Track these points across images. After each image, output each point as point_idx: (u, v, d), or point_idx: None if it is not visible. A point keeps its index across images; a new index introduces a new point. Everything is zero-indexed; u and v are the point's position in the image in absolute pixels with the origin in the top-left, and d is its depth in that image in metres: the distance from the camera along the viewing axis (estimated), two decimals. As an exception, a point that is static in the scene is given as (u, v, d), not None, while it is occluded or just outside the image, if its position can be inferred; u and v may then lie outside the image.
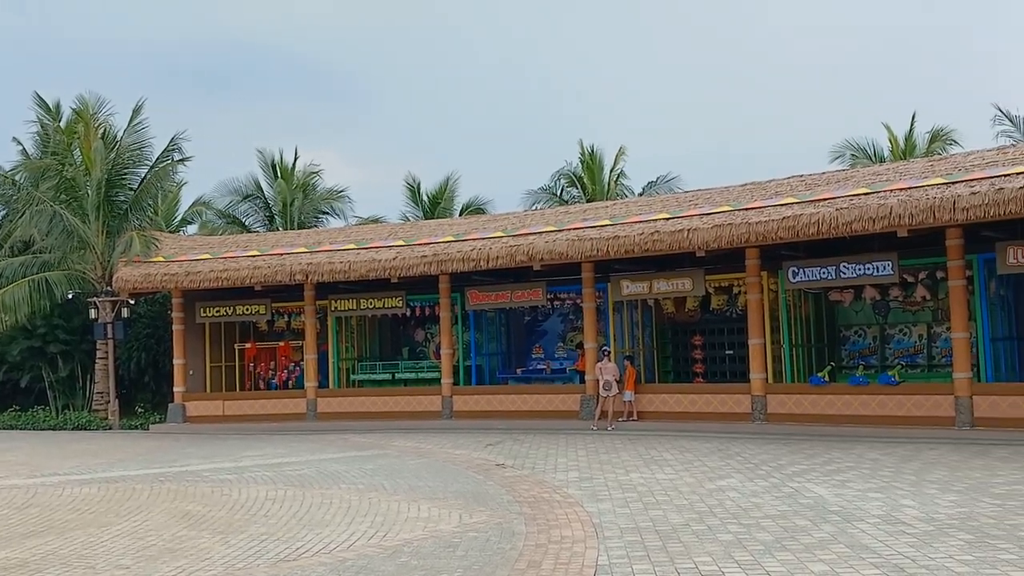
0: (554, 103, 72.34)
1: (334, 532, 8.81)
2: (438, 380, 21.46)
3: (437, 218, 30.81)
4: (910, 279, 17.60)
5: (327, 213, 33.41)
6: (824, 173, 20.23)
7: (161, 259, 22.94)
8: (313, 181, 33.30)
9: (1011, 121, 27.28)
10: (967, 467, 11.43)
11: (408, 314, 22.88)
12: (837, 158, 29.76)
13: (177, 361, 23.08)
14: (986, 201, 14.16)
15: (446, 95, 74.58)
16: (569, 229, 19.46)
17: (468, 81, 75.93)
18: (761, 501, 9.46)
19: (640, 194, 31.95)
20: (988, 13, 67.57)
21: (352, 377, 23.35)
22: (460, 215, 32.93)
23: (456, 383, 21.49)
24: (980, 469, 11.23)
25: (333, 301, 22.29)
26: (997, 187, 14.20)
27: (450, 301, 21.43)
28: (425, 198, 33.84)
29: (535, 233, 19.80)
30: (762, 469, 11.85)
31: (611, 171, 33.40)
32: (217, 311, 22.94)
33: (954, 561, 6.65)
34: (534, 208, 30.64)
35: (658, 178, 32.87)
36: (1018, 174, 14.53)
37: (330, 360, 22.97)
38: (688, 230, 17.47)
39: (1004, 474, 10.77)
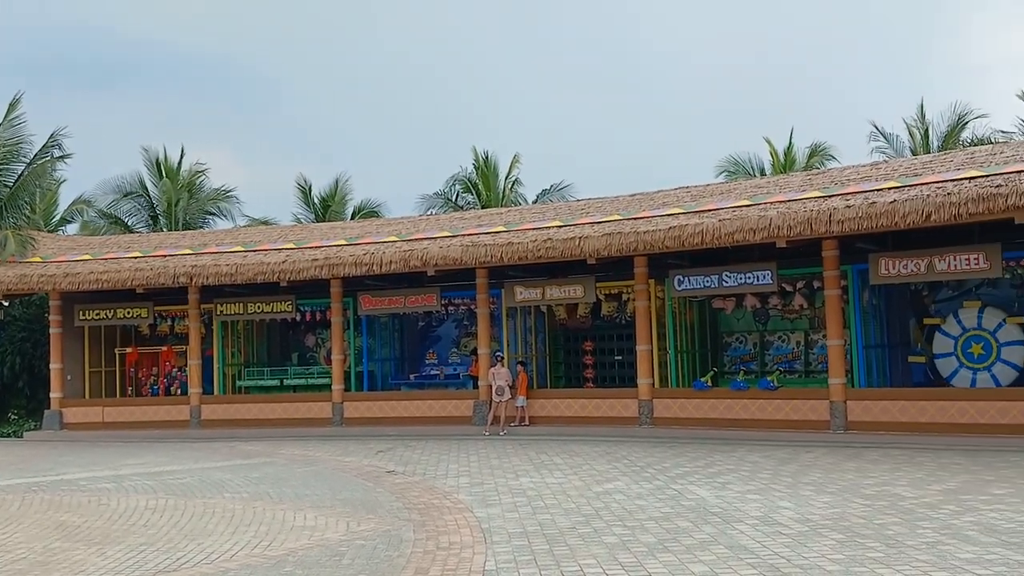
0: (452, 109, 72.41)
1: (216, 542, 8.60)
2: (329, 386, 21.18)
3: (329, 221, 30.43)
4: (789, 288, 18.31)
5: (214, 214, 32.55)
6: (709, 185, 20.89)
7: (38, 259, 21.93)
8: (200, 181, 32.38)
9: (885, 138, 28.73)
10: (840, 469, 11.97)
11: (298, 319, 22.49)
12: (722, 172, 30.76)
13: (54, 366, 22.10)
14: (859, 214, 14.86)
15: (342, 97, 73.77)
16: (464, 235, 19.52)
17: (364, 83, 75.28)
18: (646, 503, 9.70)
19: (534, 201, 32.31)
20: (863, 35, 71.01)
21: (239, 383, 22.80)
22: (353, 218, 32.60)
23: (348, 389, 21.25)
24: (853, 471, 11.76)
25: (219, 305, 21.74)
26: (870, 201, 14.92)
27: (342, 306, 21.18)
28: (317, 200, 33.40)
29: (429, 238, 19.77)
30: (647, 472, 12.14)
31: (506, 178, 33.64)
32: (97, 314, 22.08)
33: (826, 560, 6.96)
34: (429, 213, 30.62)
35: (552, 186, 33.29)
36: (890, 189, 15.30)
37: (215, 366, 22.37)
38: (580, 238, 17.75)
39: (875, 475, 11.31)
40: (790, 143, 30.89)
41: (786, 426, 16.70)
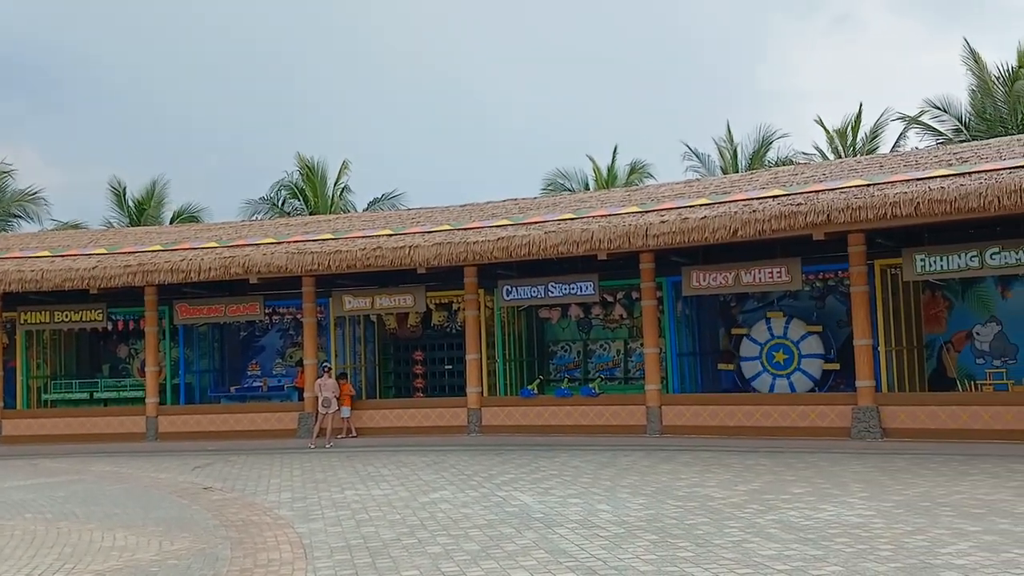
0: (281, 114, 70.60)
1: (15, 566, 8.01)
2: (143, 399, 20.18)
3: (145, 225, 29.02)
4: (610, 299, 18.99)
5: (19, 216, 30.41)
6: (536, 198, 21.42)
7: None
8: (2, 181, 30.17)
9: (698, 157, 30.35)
10: (656, 472, 12.48)
11: (110, 328, 21.29)
12: (549, 185, 31.56)
13: None
14: (673, 229, 15.63)
15: (162, 99, 70.50)
16: (289, 242, 19.10)
17: (185, 87, 72.24)
18: (471, 511, 9.78)
19: (365, 209, 32.02)
20: (682, 58, 74.64)
21: (44, 397, 21.36)
22: (171, 223, 31.25)
23: (163, 402, 20.31)
24: (666, 473, 12.29)
25: (23, 313, 20.30)
26: (683, 217, 15.71)
27: (157, 315, 20.24)
28: (132, 204, 31.77)
29: (252, 245, 19.22)
30: (474, 480, 12.25)
31: (335, 184, 33.18)
32: None
33: (640, 561, 7.24)
34: (253, 219, 29.74)
35: (383, 195, 33.12)
36: (701, 205, 16.16)
37: (18, 378, 20.86)
38: (410, 247, 17.76)
39: (687, 477, 11.86)
40: (613, 161, 32.08)
41: (607, 431, 17.29)
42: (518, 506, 10.02)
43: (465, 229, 18.11)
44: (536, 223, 17.62)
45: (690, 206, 16.35)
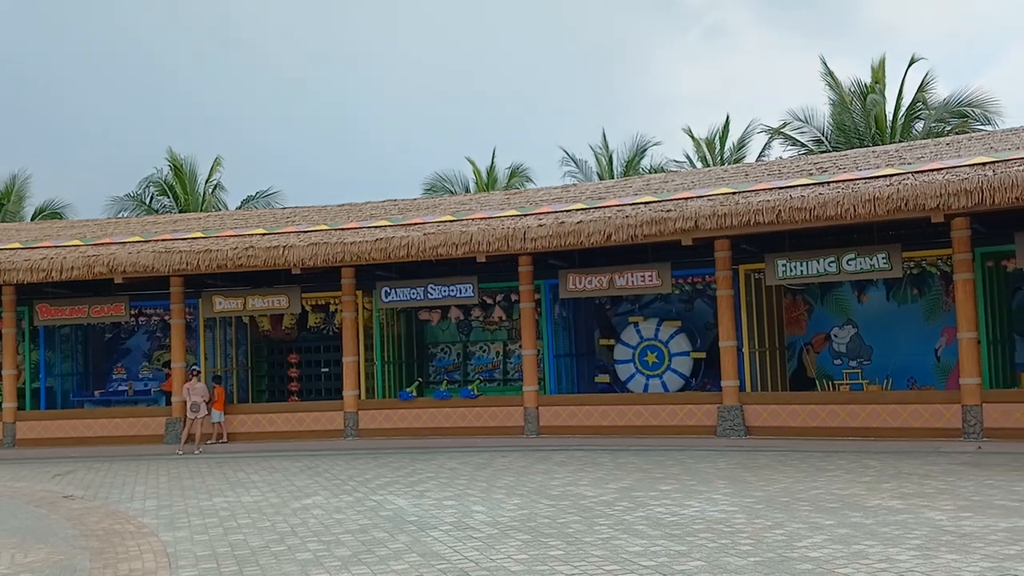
0: (152, 110, 67.98)
1: None
2: (-1, 404, 19.11)
3: (4, 223, 27.48)
4: (489, 301, 19.10)
5: None
6: (416, 200, 21.36)
7: None
8: None
9: (575, 163, 30.89)
10: (530, 472, 12.64)
11: (-38, 330, 20.05)
12: (429, 187, 31.52)
13: None
14: (550, 233, 15.87)
15: (26, 87, 66.80)
16: (157, 240, 18.44)
17: (51, 80, 68.71)
18: (344, 517, 9.68)
19: (238, 208, 31.20)
20: (561, 65, 75.77)
21: None
22: (32, 220, 29.72)
23: (21, 407, 19.29)
24: (541, 473, 12.46)
25: None
26: (560, 221, 15.97)
27: (15, 315, 19.19)
28: (-11, 199, 30.06)
29: (118, 243, 18.47)
30: (348, 484, 12.12)
31: (207, 182, 32.21)
32: None
33: (511, 561, 7.33)
34: (120, 216, 28.58)
35: (257, 193, 32.37)
36: (577, 210, 16.46)
37: None
38: (284, 247, 17.42)
39: (560, 477, 12.06)
40: (492, 164, 32.29)
41: (486, 432, 17.39)
42: (393, 510, 9.97)
43: (342, 229, 17.90)
44: (415, 224, 17.58)
45: (567, 210, 16.64)
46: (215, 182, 32.37)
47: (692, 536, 7.95)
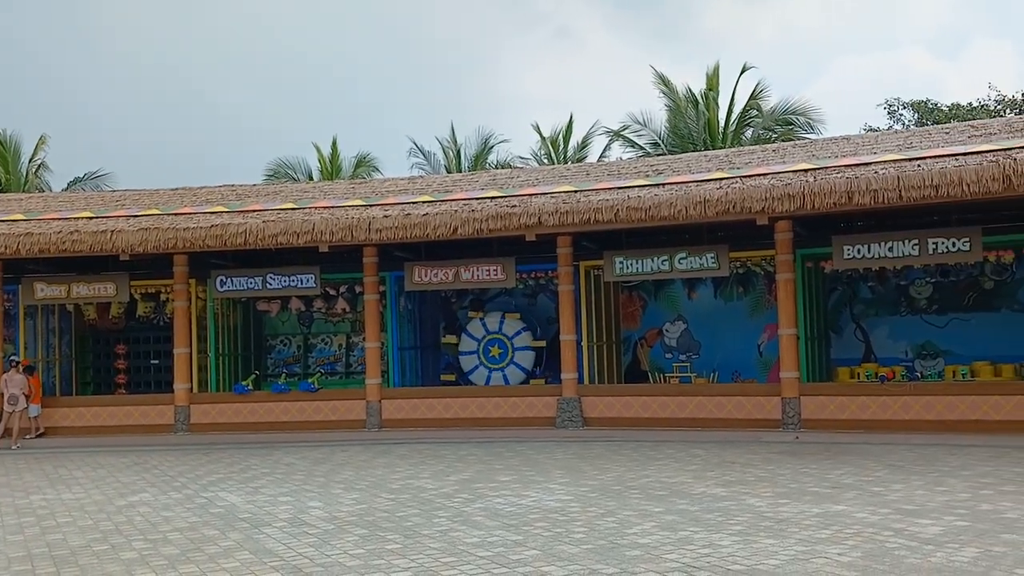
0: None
1: None
2: None
3: None
4: (332, 292, 18.79)
5: None
6: (256, 186, 20.74)
7: None
8: None
9: (423, 155, 30.82)
10: (371, 466, 12.54)
11: None
12: (272, 174, 30.69)
13: None
14: (396, 224, 15.78)
15: None
16: (-30, 222, 17.14)
17: None
18: (172, 514, 9.31)
19: (64, 190, 29.41)
20: (412, 56, 75.33)
21: None
22: None
23: None
24: (382, 467, 12.39)
25: None
26: (406, 212, 15.89)
27: None
28: None
29: (-76, 225, 17.05)
30: (178, 481, 11.66)
31: (30, 161, 30.19)
32: None
33: (347, 556, 7.25)
34: (-73, 195, 26.33)
35: (86, 174, 30.62)
36: (424, 202, 16.43)
37: None
38: (112, 231, 16.57)
39: (402, 470, 12.02)
40: (335, 151, 31.77)
41: (326, 427, 17.11)
42: (224, 507, 9.67)
43: (176, 214, 17.18)
44: (255, 211, 17.08)
45: (413, 202, 16.58)
46: (39, 162, 30.38)
47: (528, 526, 8.10)
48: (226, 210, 17.29)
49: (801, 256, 15.60)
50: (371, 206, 16.64)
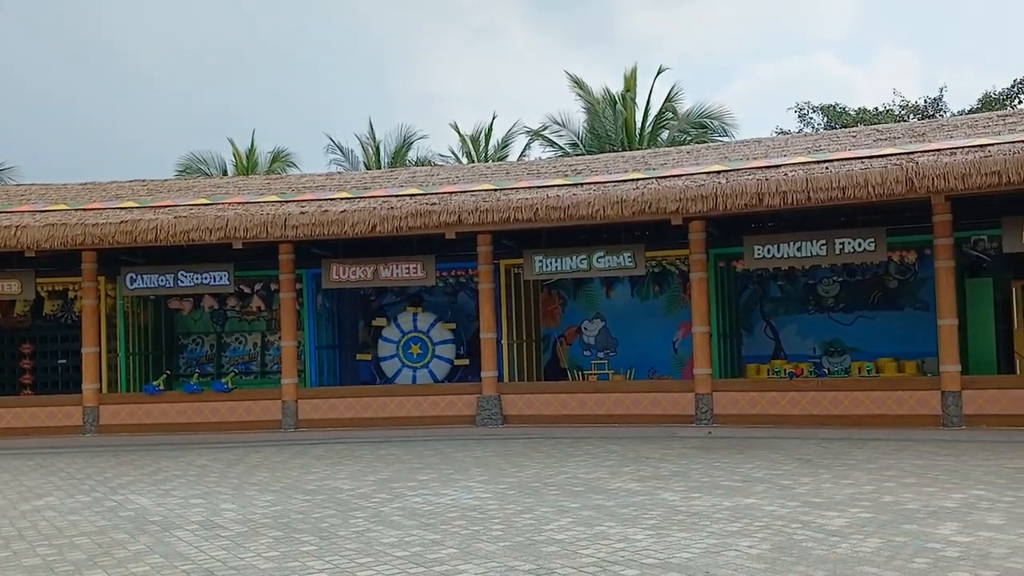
0: None
1: None
2: None
3: None
4: (246, 290, 18.45)
5: None
6: (167, 181, 20.26)
7: None
8: None
9: (341, 151, 30.51)
10: (287, 467, 12.36)
11: None
12: (185, 168, 29.98)
13: None
14: (313, 221, 15.59)
15: None
16: None
17: None
18: (79, 518, 9.03)
19: (-38, 183, 28.19)
20: (332, 54, 74.42)
21: None
22: None
23: None
24: (298, 468, 12.23)
25: None
26: (323, 209, 15.73)
27: None
28: None
29: None
30: (86, 484, 11.31)
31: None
32: None
33: (261, 558, 7.14)
34: None
35: (-10, 167, 29.41)
36: (342, 199, 16.28)
37: None
38: (17, 227, 16.00)
39: (318, 471, 11.88)
40: (252, 146, 31.22)
41: (241, 427, 16.81)
42: (134, 510, 9.42)
43: (84, 210, 16.65)
44: (166, 207, 16.66)
45: (331, 199, 16.40)
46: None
47: (446, 524, 8.11)
48: (136, 205, 16.84)
49: (714, 256, 15.96)
50: (287, 202, 16.40)
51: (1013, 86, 29.35)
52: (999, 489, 8.89)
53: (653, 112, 28.49)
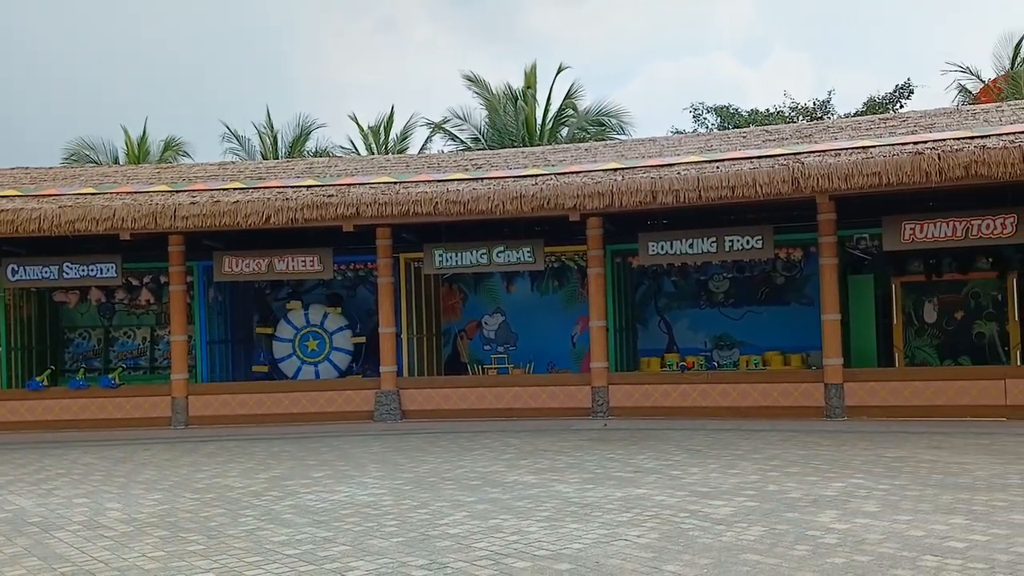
0: None
1: None
2: None
3: None
4: (135, 282, 17.82)
5: None
6: (52, 168, 19.43)
7: None
8: None
9: (238, 140, 29.80)
10: (176, 465, 12.04)
11: None
12: (72, 156, 28.82)
13: None
14: (204, 211, 15.20)
15: None
16: None
17: None
18: (-49, 523, 8.61)
19: None
20: (228, 42, 72.53)
21: None
22: None
23: None
24: (188, 466, 11.92)
25: None
26: (215, 199, 15.34)
27: None
28: None
29: None
30: (-41, 486, 10.79)
31: None
32: None
33: (146, 559, 6.95)
34: None
35: None
36: (235, 189, 15.91)
37: None
38: None
39: (208, 469, 11.61)
40: (144, 134, 30.22)
41: (129, 424, 16.29)
42: (12, 511, 9.04)
43: (-39, 199, 15.82)
44: (51, 196, 15.99)
45: (224, 189, 16.01)
46: None
47: (339, 521, 8.04)
48: (19, 194, 16.11)
49: (611, 251, 16.22)
50: (178, 192, 15.94)
51: (895, 91, 30.72)
52: (876, 477, 9.32)
53: (553, 109, 28.76)
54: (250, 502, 9.14)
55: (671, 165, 14.71)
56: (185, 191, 15.93)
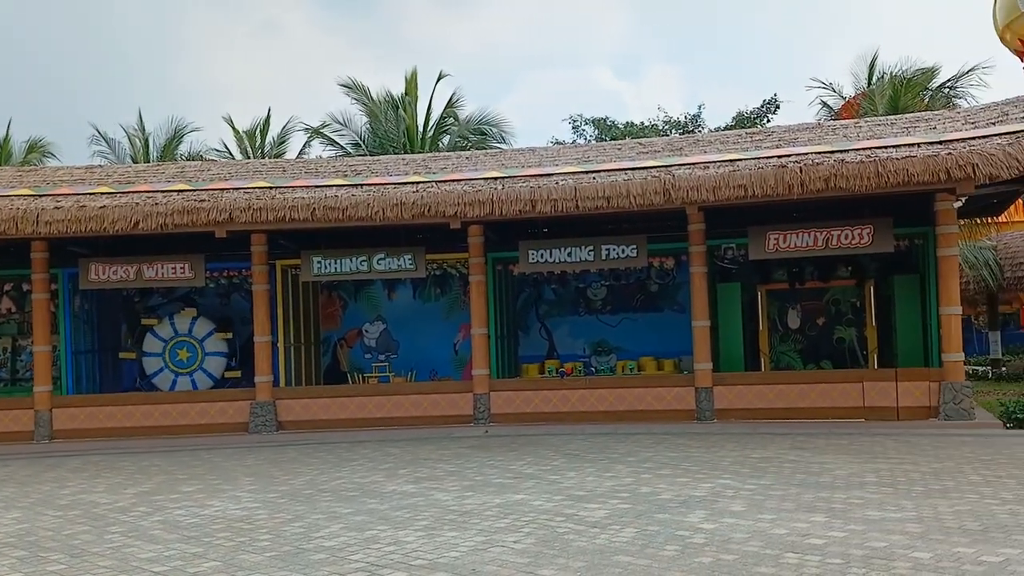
0: None
1: None
2: None
3: None
4: (-7, 291, 16.94)
5: None
6: (-101, 169, 18.20)
7: None
8: None
9: (108, 143, 28.60)
10: (37, 481, 11.48)
11: None
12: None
13: None
14: (69, 216, 14.57)
15: None
16: None
17: None
18: None
19: None
20: (97, 42, 69.53)
21: None
22: None
23: None
24: (50, 482, 11.38)
25: None
26: (80, 204, 14.73)
27: None
28: None
29: None
30: None
31: None
32: None
33: (1, 581, 6.62)
34: None
35: None
36: (102, 193, 15.29)
37: None
38: None
39: (73, 484, 11.12)
40: (7, 135, 28.67)
41: (-16, 440, 15.40)
42: None
43: None
44: None
45: (91, 193, 15.37)
46: None
47: (210, 536, 7.83)
48: None
49: (492, 259, 16.34)
50: (41, 196, 15.20)
51: (763, 105, 32.06)
52: (743, 478, 9.70)
53: (435, 117, 28.73)
54: (117, 518, 8.80)
55: (550, 175, 14.94)
56: (49, 195, 15.21)
